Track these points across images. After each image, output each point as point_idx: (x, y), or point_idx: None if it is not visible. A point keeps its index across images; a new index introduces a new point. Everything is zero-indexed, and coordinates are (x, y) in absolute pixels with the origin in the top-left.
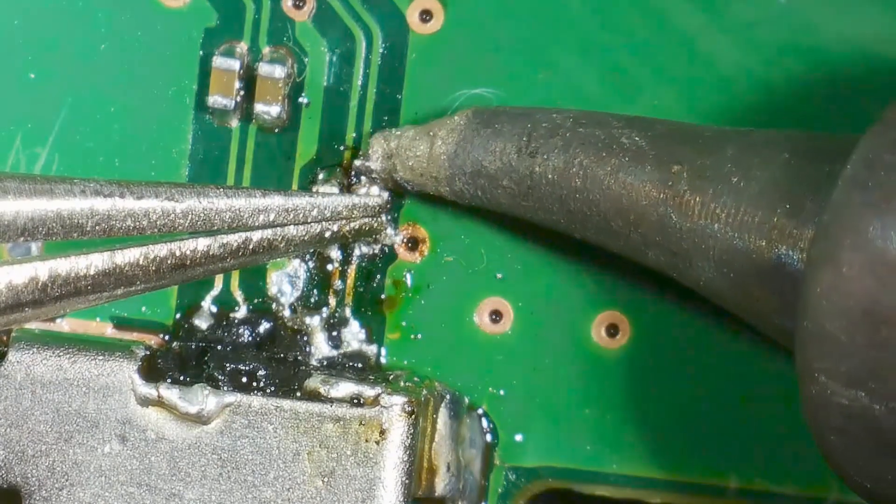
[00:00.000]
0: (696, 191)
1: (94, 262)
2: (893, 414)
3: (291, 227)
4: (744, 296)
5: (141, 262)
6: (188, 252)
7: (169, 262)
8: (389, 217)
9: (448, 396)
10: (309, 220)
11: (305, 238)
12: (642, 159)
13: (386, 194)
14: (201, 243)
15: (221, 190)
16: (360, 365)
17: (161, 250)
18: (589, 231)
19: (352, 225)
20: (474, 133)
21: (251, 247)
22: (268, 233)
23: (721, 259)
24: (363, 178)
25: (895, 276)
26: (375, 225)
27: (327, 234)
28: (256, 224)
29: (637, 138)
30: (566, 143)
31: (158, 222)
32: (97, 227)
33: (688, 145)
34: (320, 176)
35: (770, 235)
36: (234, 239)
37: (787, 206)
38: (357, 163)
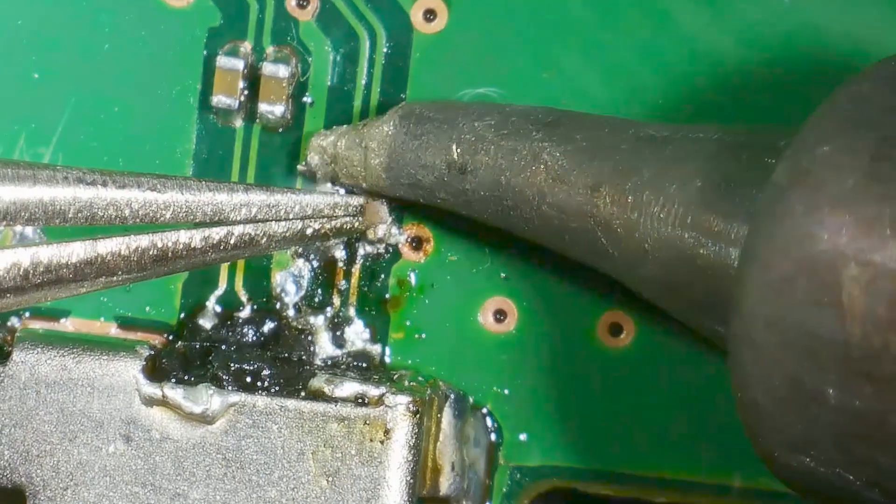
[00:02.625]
0: (620, 216)
1: (75, 251)
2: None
3: (273, 223)
4: (682, 306)
5: (123, 252)
6: (170, 244)
7: (151, 252)
8: (393, 217)
9: (452, 396)
10: (290, 217)
11: (287, 234)
12: (565, 180)
13: (361, 199)
14: (183, 236)
15: (204, 183)
16: (364, 364)
17: (143, 241)
18: (531, 238)
19: (333, 223)
20: (403, 146)
21: (232, 241)
22: (249, 228)
23: (652, 274)
24: None
25: (819, 278)
26: (357, 224)
27: (308, 232)
28: (238, 218)
29: (557, 154)
30: (491, 158)
31: (140, 212)
32: (79, 215)
33: (607, 162)
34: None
35: (695, 254)
36: (216, 233)
37: (708, 225)
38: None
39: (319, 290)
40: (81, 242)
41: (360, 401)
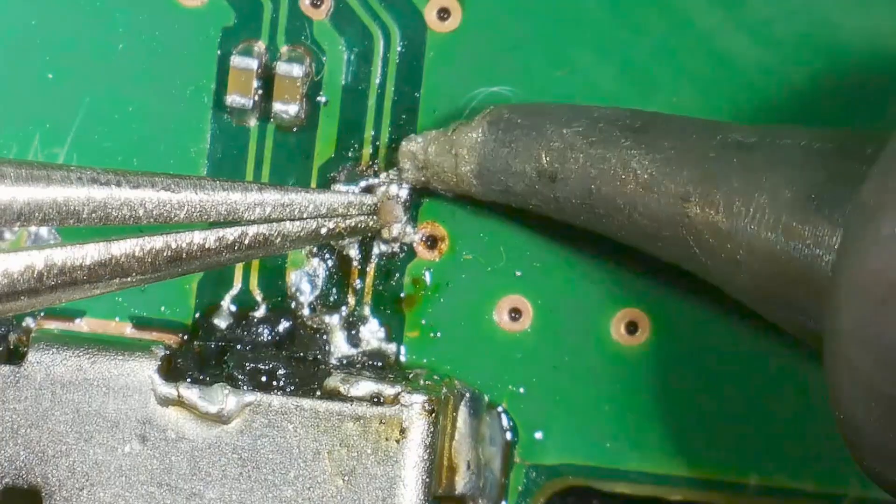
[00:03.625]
0: (711, 226)
1: (89, 253)
2: None
3: (287, 222)
4: (778, 314)
5: (137, 254)
6: (184, 245)
7: (165, 254)
8: (408, 215)
9: (468, 394)
10: (305, 216)
11: (301, 234)
12: (655, 189)
13: (375, 198)
14: (197, 236)
15: (218, 182)
16: (379, 363)
17: (157, 242)
18: (626, 242)
19: (347, 222)
20: (493, 153)
21: (247, 241)
22: (263, 228)
23: (747, 283)
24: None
25: None
26: (371, 223)
27: (323, 231)
28: (252, 218)
29: (646, 163)
30: (580, 167)
31: (154, 212)
32: (93, 215)
33: (696, 171)
34: (342, 175)
35: (788, 267)
36: (230, 233)
37: (800, 235)
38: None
39: (334, 290)
40: (95, 244)
41: (375, 400)
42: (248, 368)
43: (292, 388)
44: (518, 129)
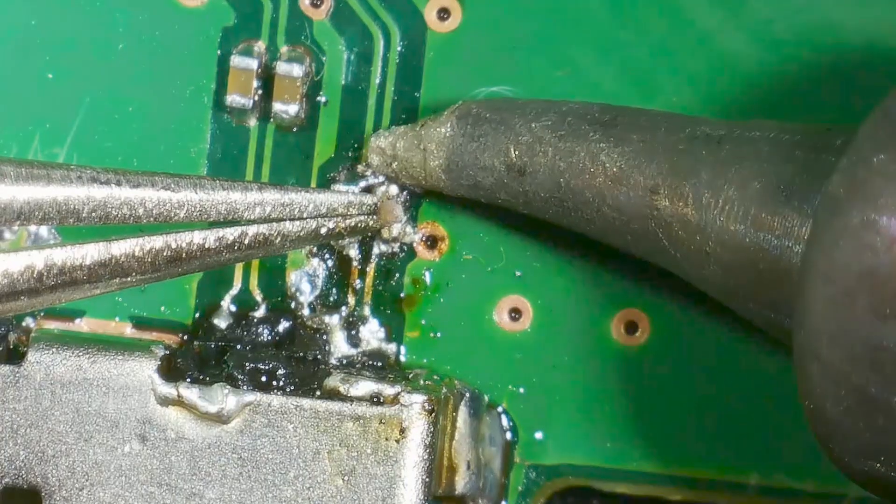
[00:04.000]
0: (680, 218)
1: (89, 252)
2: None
3: (287, 222)
4: (746, 307)
5: (136, 254)
6: (184, 244)
7: (165, 253)
8: (408, 216)
9: (468, 394)
10: (305, 216)
11: (301, 234)
12: (623, 182)
13: (375, 197)
14: (197, 236)
15: (218, 182)
16: (379, 363)
17: (157, 242)
18: (593, 236)
19: (347, 222)
20: (461, 147)
21: (247, 241)
22: (263, 227)
23: (715, 275)
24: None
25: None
26: (371, 223)
27: (323, 231)
28: (252, 217)
29: (615, 156)
30: (549, 160)
31: (154, 211)
32: (93, 215)
33: (664, 164)
34: (342, 175)
35: (757, 257)
36: (230, 233)
37: (769, 227)
38: (360, 168)
39: (334, 290)
40: (95, 244)
41: (375, 400)
42: (247, 368)
43: (292, 387)
44: (487, 124)
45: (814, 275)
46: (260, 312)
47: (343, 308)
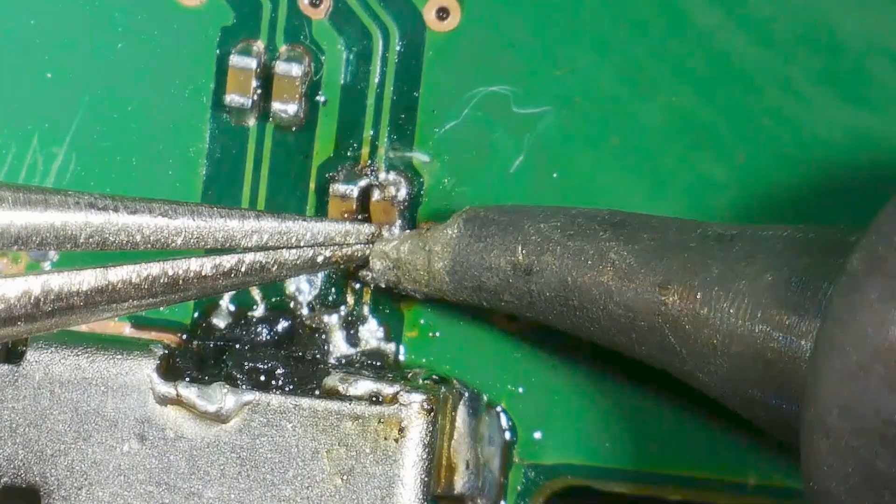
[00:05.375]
0: (689, 313)
1: (86, 279)
2: None
3: (284, 250)
4: (750, 401)
5: (133, 280)
6: (181, 271)
7: (161, 280)
8: (405, 218)
9: (466, 394)
10: (301, 245)
11: (297, 262)
12: (633, 278)
13: (373, 227)
14: (194, 263)
15: (215, 209)
16: (378, 363)
17: (154, 269)
18: (596, 339)
19: (344, 251)
20: (468, 248)
21: (243, 269)
22: (260, 255)
23: (721, 371)
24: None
25: None
26: (368, 252)
27: (319, 259)
28: (249, 245)
29: (625, 253)
30: (557, 259)
31: (151, 238)
32: (90, 240)
33: (675, 260)
34: (341, 175)
35: (766, 348)
36: (227, 260)
37: (780, 319)
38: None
39: (333, 289)
40: (92, 270)
41: (374, 399)
42: (246, 368)
43: (291, 387)
44: (494, 226)
45: (829, 348)
46: (259, 312)
47: (342, 307)
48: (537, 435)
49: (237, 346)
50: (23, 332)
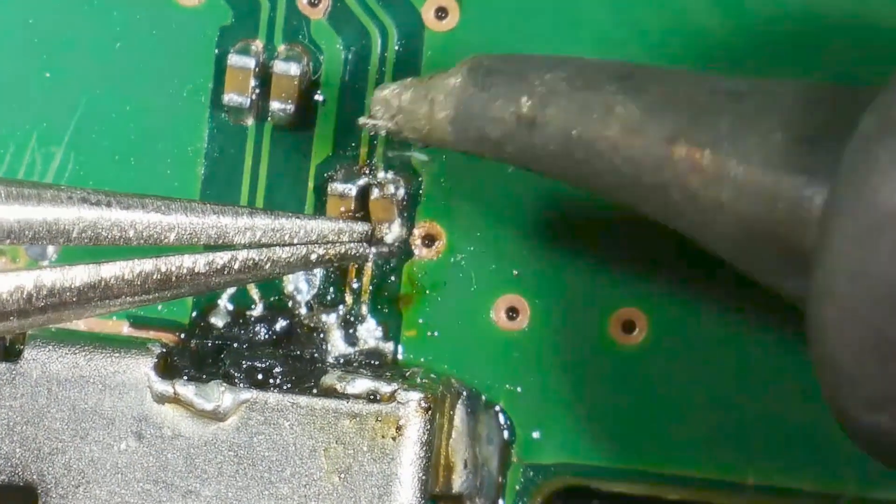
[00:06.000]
0: (696, 165)
1: (79, 275)
2: None
3: (277, 248)
4: (758, 262)
5: (126, 276)
6: (174, 268)
7: (154, 277)
8: (405, 215)
9: (465, 393)
10: (295, 242)
11: (291, 260)
12: (640, 132)
13: (367, 225)
14: (187, 260)
15: (209, 206)
16: (376, 362)
17: (147, 265)
18: (599, 192)
19: (338, 249)
20: (471, 98)
21: (236, 266)
22: (254, 253)
23: (728, 229)
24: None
25: None
26: (362, 250)
27: (312, 257)
28: (242, 242)
29: (632, 106)
30: (562, 111)
31: (145, 234)
32: (83, 235)
33: (683, 115)
34: (339, 174)
35: (776, 206)
36: (220, 257)
37: (790, 178)
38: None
39: (331, 289)
40: (85, 266)
41: (371, 397)
42: (244, 366)
43: (289, 385)
44: (499, 75)
45: (839, 211)
46: (257, 311)
47: (340, 307)
48: (535, 434)
49: (235, 344)
50: (15, 327)
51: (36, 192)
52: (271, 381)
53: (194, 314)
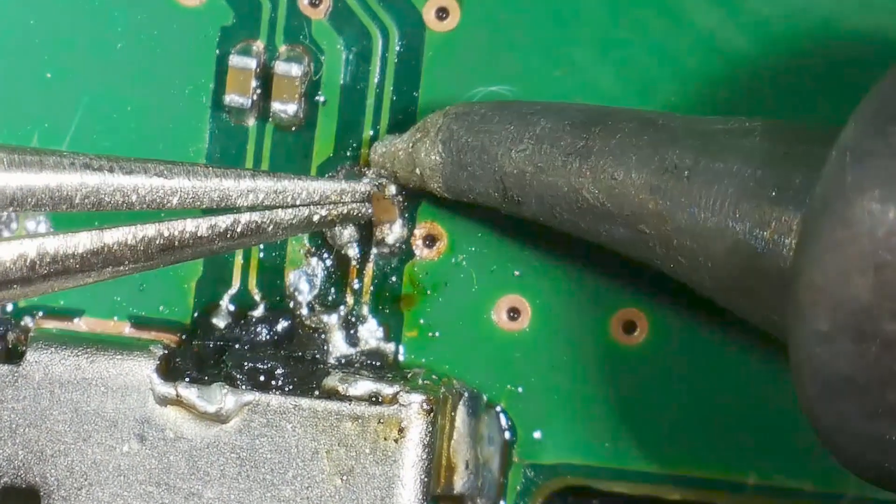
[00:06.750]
0: (667, 235)
1: (82, 241)
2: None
3: (280, 210)
4: (736, 294)
5: (129, 242)
6: (176, 233)
7: (157, 242)
8: (407, 215)
9: (466, 394)
10: (297, 204)
11: (294, 222)
12: (610, 215)
13: (368, 185)
14: (189, 224)
15: (211, 169)
16: (377, 363)
17: (149, 230)
18: (582, 233)
19: (340, 209)
20: (455, 176)
21: (239, 229)
22: (256, 215)
23: (710, 278)
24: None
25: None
26: (364, 210)
27: (315, 218)
28: (245, 204)
29: (596, 192)
30: (537, 193)
31: (147, 198)
32: (86, 201)
33: (644, 191)
34: (341, 175)
35: (747, 245)
36: (223, 221)
37: (762, 216)
38: (362, 170)
39: (333, 289)
40: (88, 232)
41: (374, 399)
42: (246, 368)
43: (291, 387)
44: (471, 153)
45: (812, 238)
46: (258, 312)
47: (342, 307)
48: (537, 435)
49: (237, 346)
50: (19, 294)
51: (38, 158)
52: (273, 382)
53: (196, 315)
